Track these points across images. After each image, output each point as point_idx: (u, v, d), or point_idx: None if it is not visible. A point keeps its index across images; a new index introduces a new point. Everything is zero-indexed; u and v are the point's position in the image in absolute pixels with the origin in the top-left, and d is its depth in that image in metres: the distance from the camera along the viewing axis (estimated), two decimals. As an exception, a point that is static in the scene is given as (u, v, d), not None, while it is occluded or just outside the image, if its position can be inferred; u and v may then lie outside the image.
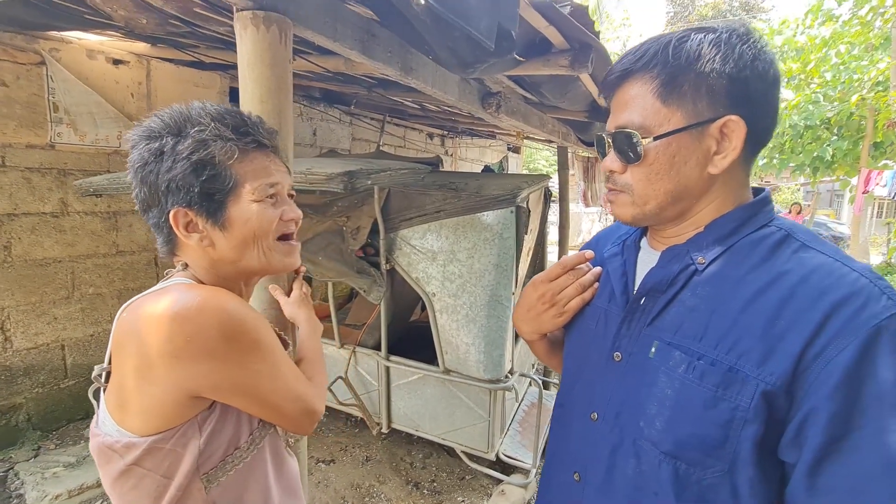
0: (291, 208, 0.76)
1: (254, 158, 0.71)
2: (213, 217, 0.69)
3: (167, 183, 0.66)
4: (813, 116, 6.96)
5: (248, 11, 0.99)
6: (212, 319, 0.61)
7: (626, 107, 0.63)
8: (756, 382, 0.53)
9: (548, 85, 2.03)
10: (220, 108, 0.71)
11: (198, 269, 0.74)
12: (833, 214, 15.43)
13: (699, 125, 0.59)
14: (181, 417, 0.64)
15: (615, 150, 0.65)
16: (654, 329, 0.65)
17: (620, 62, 0.64)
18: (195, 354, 0.60)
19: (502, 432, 2.42)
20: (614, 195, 0.69)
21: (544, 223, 2.95)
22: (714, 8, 19.72)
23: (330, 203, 2.36)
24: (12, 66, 2.34)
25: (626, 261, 0.75)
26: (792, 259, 0.58)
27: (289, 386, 0.71)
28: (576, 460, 0.74)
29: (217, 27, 1.84)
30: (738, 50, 0.58)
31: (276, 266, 0.76)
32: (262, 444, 0.74)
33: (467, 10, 0.78)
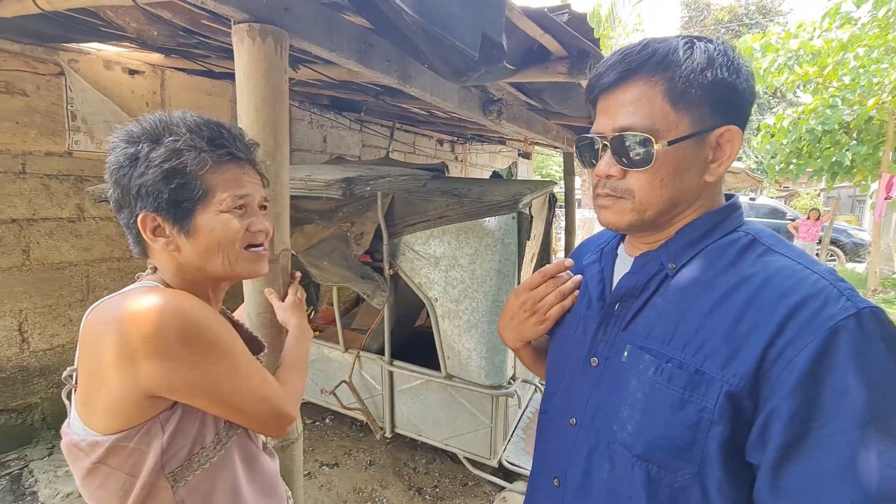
0: (260, 220, 0.78)
1: (227, 170, 0.73)
2: (179, 223, 0.71)
3: (138, 187, 0.69)
4: (831, 121, 6.81)
5: (245, 24, 1.03)
6: (168, 321, 0.63)
7: (628, 108, 0.61)
8: (720, 384, 0.54)
9: (549, 91, 2.04)
10: (199, 119, 0.73)
11: (165, 273, 0.76)
12: (854, 220, 15.02)
13: (703, 133, 0.60)
14: (142, 416, 0.65)
15: (614, 154, 0.64)
16: (627, 334, 0.66)
17: (622, 61, 0.61)
18: (150, 355, 0.62)
19: (505, 439, 2.41)
20: (611, 201, 0.67)
21: (548, 229, 2.95)
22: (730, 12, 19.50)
23: (335, 209, 2.40)
24: (33, 76, 2.44)
25: (604, 268, 0.77)
26: (757, 263, 0.59)
27: (252, 388, 0.72)
28: (556, 466, 0.75)
29: (224, 38, 1.90)
30: (736, 62, 0.60)
31: (242, 273, 0.77)
32: (229, 445, 0.75)
33: (451, 21, 0.79)
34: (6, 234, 2.43)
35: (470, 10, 0.82)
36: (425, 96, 1.62)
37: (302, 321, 1.06)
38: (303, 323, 1.06)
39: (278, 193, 1.12)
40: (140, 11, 1.71)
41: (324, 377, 2.74)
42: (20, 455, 2.50)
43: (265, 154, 1.08)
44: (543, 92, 2.04)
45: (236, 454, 0.77)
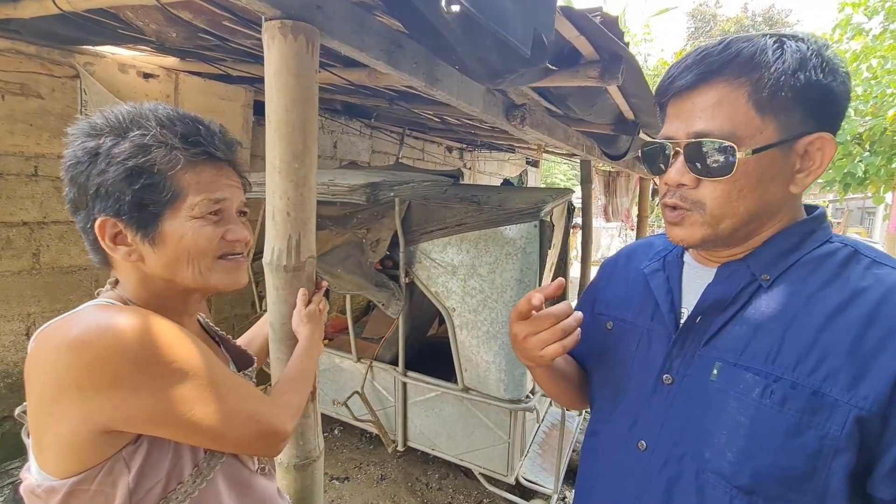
0: (237, 227, 0.70)
1: (201, 171, 0.66)
2: (143, 230, 0.63)
3: (96, 187, 0.61)
4: (844, 132, 6.76)
5: (277, 21, 0.98)
6: (116, 343, 0.55)
7: (706, 112, 0.56)
8: (848, 407, 0.48)
9: (574, 97, 1.99)
10: (172, 113, 0.66)
11: (127, 286, 0.67)
12: (864, 233, 14.89)
13: (791, 140, 0.55)
14: (100, 455, 0.57)
15: (690, 162, 0.58)
16: (711, 349, 0.60)
17: (701, 61, 0.57)
18: (98, 385, 0.54)
19: (522, 455, 2.34)
20: (679, 215, 0.61)
21: (567, 238, 2.89)
22: (737, 23, 19.56)
23: (350, 215, 2.35)
24: (48, 79, 2.42)
25: (670, 276, 0.71)
26: (866, 276, 0.54)
27: (231, 408, 0.64)
28: (622, 496, 0.68)
29: (244, 40, 1.86)
30: (832, 63, 0.54)
31: (217, 286, 0.69)
32: (212, 476, 0.66)
33: (504, 16, 0.75)
34: (17, 237, 2.40)
35: (522, 6, 0.78)
36: (451, 100, 1.57)
37: (315, 333, 1.00)
38: (315, 335, 1.00)
39: (306, 198, 1.06)
40: (160, 12, 1.67)
41: (335, 387, 2.67)
42: (24, 464, 2.44)
43: (293, 156, 1.03)
44: (568, 98, 1.99)
45: (223, 485, 0.69)
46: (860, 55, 6.72)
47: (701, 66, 0.57)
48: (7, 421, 2.45)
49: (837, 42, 7.32)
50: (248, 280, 0.74)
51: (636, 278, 0.76)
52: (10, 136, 2.32)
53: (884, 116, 6.17)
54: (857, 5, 6.79)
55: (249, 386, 0.71)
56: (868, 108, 6.75)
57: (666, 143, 0.61)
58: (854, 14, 6.96)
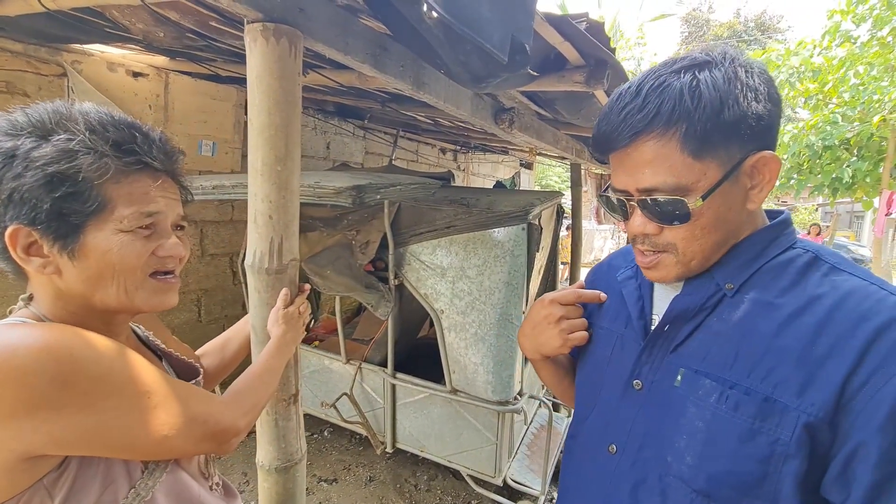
0: (172, 243, 0.65)
1: (134, 181, 0.61)
2: (62, 241, 0.58)
3: (10, 192, 0.55)
4: (832, 137, 6.85)
5: (258, 24, 0.98)
6: (30, 362, 0.50)
7: (646, 168, 0.57)
8: (797, 413, 0.49)
9: (562, 101, 2.01)
10: (105, 118, 0.61)
11: (43, 302, 0.61)
12: (853, 236, 15.09)
13: (735, 169, 0.56)
14: (17, 485, 0.52)
15: (649, 214, 0.59)
16: (677, 356, 0.61)
17: (625, 122, 0.57)
18: (16, 408, 0.49)
19: (510, 456, 2.34)
20: (653, 259, 0.63)
21: (556, 241, 2.91)
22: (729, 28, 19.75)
23: (340, 217, 2.35)
24: (35, 77, 2.40)
25: (641, 285, 0.72)
26: (824, 283, 0.55)
27: (173, 412, 0.60)
28: (592, 497, 0.69)
29: (232, 41, 1.86)
30: (753, 83, 0.54)
31: (142, 306, 0.64)
32: (150, 497, 0.61)
33: (480, 22, 0.75)
34: (1, 237, 2.37)
35: (499, 12, 0.78)
36: (438, 103, 1.58)
37: (287, 334, 0.98)
38: (287, 337, 0.98)
39: (288, 201, 1.06)
40: (147, 12, 1.67)
41: (324, 389, 2.67)
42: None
43: (276, 159, 1.03)
44: (556, 102, 2.00)
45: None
46: (846, 61, 6.82)
47: (628, 130, 0.57)
48: None
49: (826, 48, 7.42)
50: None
51: (614, 286, 0.77)
52: (-4, 134, 2.30)
53: (870, 122, 6.27)
54: (845, 13, 6.89)
55: (190, 388, 0.67)
56: (856, 114, 6.85)
57: (620, 197, 0.62)
58: (843, 21, 7.06)
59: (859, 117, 6.78)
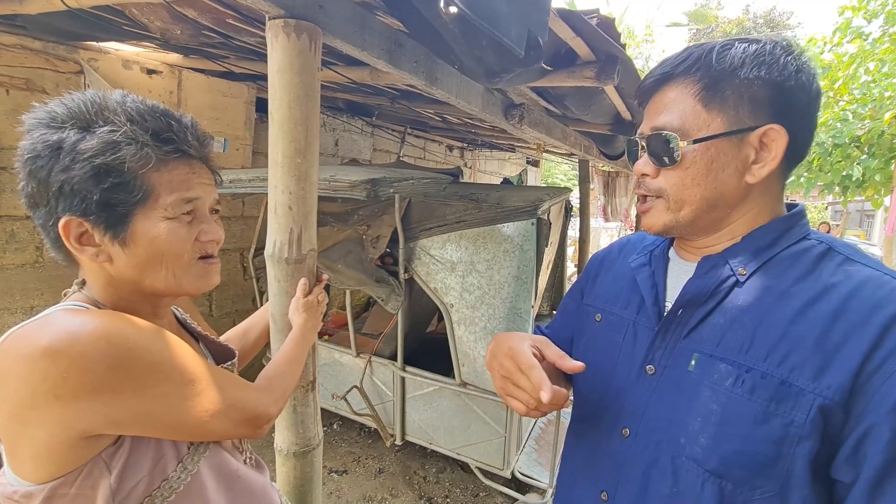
0: (211, 228, 0.68)
1: (173, 168, 0.63)
2: (112, 230, 0.60)
3: (60, 184, 0.57)
4: (842, 134, 6.78)
5: (280, 20, 1.01)
6: (91, 349, 0.53)
7: (663, 109, 0.63)
8: (812, 396, 0.51)
9: (572, 97, 2.02)
10: (141, 107, 0.62)
11: (95, 288, 0.64)
12: (863, 235, 14.93)
13: (739, 132, 0.59)
14: (79, 459, 0.56)
15: (649, 154, 0.65)
16: (690, 341, 0.63)
17: (660, 66, 0.64)
18: (78, 392, 0.52)
19: (518, 449, 2.37)
20: (648, 204, 0.68)
21: (564, 236, 2.92)
22: (738, 25, 19.56)
23: (351, 211, 2.38)
24: (53, 74, 2.45)
25: (655, 271, 0.74)
26: (838, 272, 0.57)
27: (214, 399, 0.64)
28: (604, 479, 0.71)
29: (248, 38, 1.89)
30: (782, 60, 0.58)
31: (189, 289, 0.67)
32: (196, 470, 0.65)
33: (498, 17, 0.78)
34: (20, 231, 2.43)
35: (517, 7, 0.81)
36: (451, 99, 1.60)
37: (308, 322, 1.02)
38: (309, 324, 1.02)
39: (307, 192, 1.09)
40: (165, 10, 1.70)
41: (334, 381, 2.70)
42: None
43: (296, 152, 1.06)
44: (566, 98, 2.02)
45: (208, 477, 0.68)
46: (856, 58, 6.75)
47: (664, 69, 0.63)
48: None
49: (837, 45, 7.34)
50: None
51: (625, 272, 0.79)
52: (15, 130, 2.34)
53: (881, 119, 6.21)
54: (857, 9, 6.82)
55: (229, 375, 0.71)
56: (867, 112, 6.77)
57: (636, 138, 0.68)
58: (854, 17, 6.98)
59: (870, 114, 6.71)
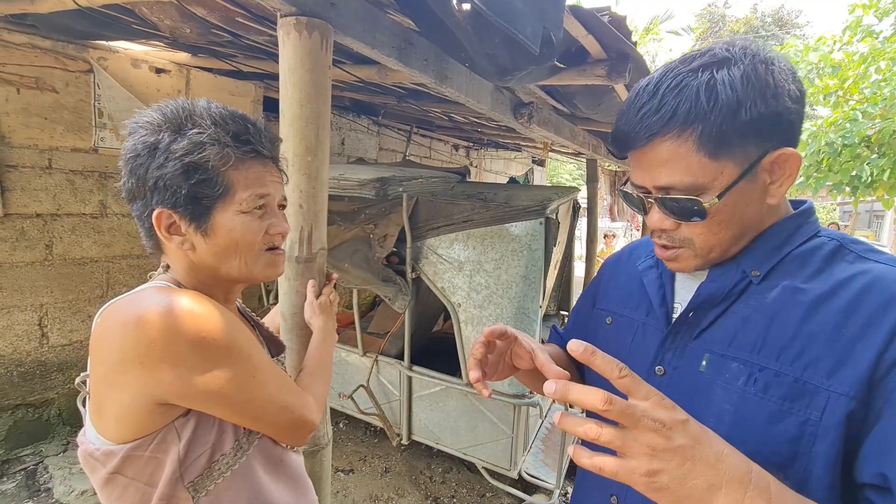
0: (279, 221, 0.74)
1: (249, 167, 0.70)
2: (196, 221, 0.67)
3: (155, 180, 0.64)
4: (851, 134, 6.70)
5: (292, 17, 1.01)
6: (177, 324, 0.59)
7: (663, 167, 0.57)
8: (827, 394, 0.50)
9: (581, 96, 2.01)
10: (224, 112, 0.69)
11: (178, 272, 0.72)
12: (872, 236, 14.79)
13: (752, 168, 0.56)
14: (155, 424, 0.62)
15: (666, 211, 0.60)
16: (701, 342, 0.63)
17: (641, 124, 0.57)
18: (159, 360, 0.58)
19: (525, 450, 2.36)
20: (673, 253, 0.64)
21: (572, 236, 2.91)
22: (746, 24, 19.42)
23: (358, 211, 2.38)
24: (63, 73, 2.46)
25: (662, 273, 0.73)
26: (850, 268, 0.56)
27: (271, 396, 0.68)
28: (613, 482, 0.70)
29: (257, 36, 1.89)
30: (771, 81, 0.53)
31: (258, 276, 0.74)
32: (250, 451, 0.71)
33: (514, 14, 0.77)
34: (30, 229, 2.44)
35: (532, 5, 0.80)
36: (460, 97, 1.59)
37: (327, 324, 1.03)
38: (328, 326, 1.03)
39: (318, 191, 1.09)
40: (175, 8, 1.71)
41: (341, 381, 2.71)
42: (35, 451, 2.49)
43: (306, 150, 1.05)
44: (575, 96, 2.01)
45: (258, 461, 0.73)
46: (868, 57, 6.67)
47: (643, 128, 0.57)
48: (20, 409, 2.50)
49: (847, 44, 7.26)
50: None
51: (634, 275, 0.78)
52: (26, 128, 2.36)
53: (892, 119, 6.13)
54: (867, 7, 6.74)
55: (285, 376, 0.75)
56: (877, 111, 6.69)
57: (639, 194, 0.63)
58: (864, 16, 6.90)
59: (881, 114, 6.62)
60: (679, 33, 9.43)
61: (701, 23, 20.80)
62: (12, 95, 2.30)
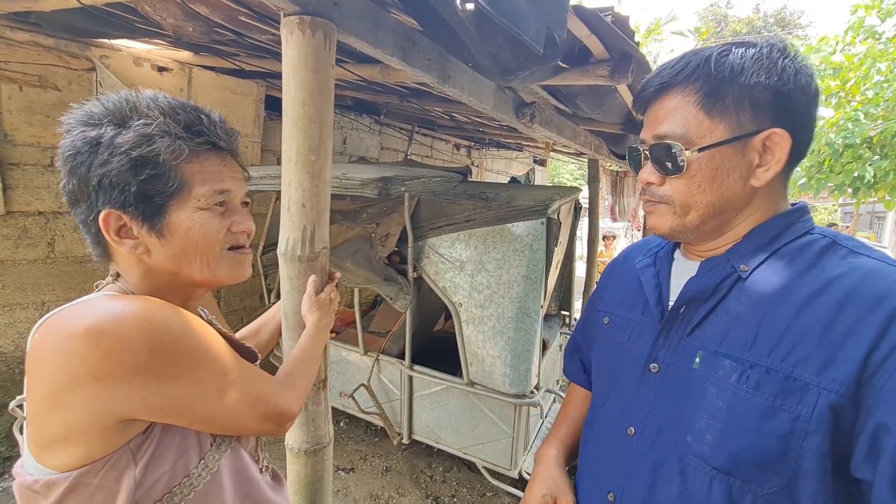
0: (243, 219, 0.70)
1: (205, 160, 0.65)
2: (149, 222, 0.62)
3: (100, 178, 0.59)
4: (853, 135, 6.69)
5: (295, 16, 1.01)
6: (134, 331, 0.53)
7: (665, 118, 0.63)
8: (818, 391, 0.51)
9: (584, 96, 2.01)
10: (173, 102, 0.64)
11: (130, 279, 0.65)
12: (873, 237, 14.77)
13: (743, 138, 0.59)
14: (108, 446, 0.55)
15: (653, 162, 0.65)
16: (694, 339, 0.63)
17: (658, 75, 0.64)
18: (118, 373, 0.53)
19: (526, 449, 2.36)
20: (652, 206, 0.68)
21: (573, 236, 2.91)
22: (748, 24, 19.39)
23: (360, 210, 2.38)
24: (66, 71, 2.46)
25: (660, 272, 0.74)
26: (841, 264, 0.57)
27: (244, 390, 0.64)
28: (610, 480, 0.71)
29: (259, 35, 1.89)
30: (780, 64, 0.58)
31: (223, 278, 0.68)
32: (216, 469, 0.65)
33: (518, 14, 0.77)
34: (33, 227, 2.45)
35: (536, 4, 0.80)
36: (462, 97, 1.59)
37: (322, 320, 1.02)
38: (323, 322, 1.02)
39: (321, 190, 1.09)
40: (178, 7, 1.71)
41: (342, 380, 2.71)
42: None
43: (310, 149, 1.05)
44: (578, 96, 2.00)
45: (227, 479, 0.67)
46: (868, 57, 6.65)
47: (662, 78, 0.63)
48: (21, 406, 2.50)
49: (850, 44, 7.24)
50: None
51: (631, 275, 0.80)
52: (28, 126, 2.37)
53: (894, 120, 6.12)
54: (870, 7, 6.72)
55: (256, 369, 0.71)
56: (879, 112, 6.68)
57: (638, 146, 0.68)
58: (867, 16, 6.88)
59: (883, 115, 6.61)
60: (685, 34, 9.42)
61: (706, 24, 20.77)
62: (15, 93, 2.31)
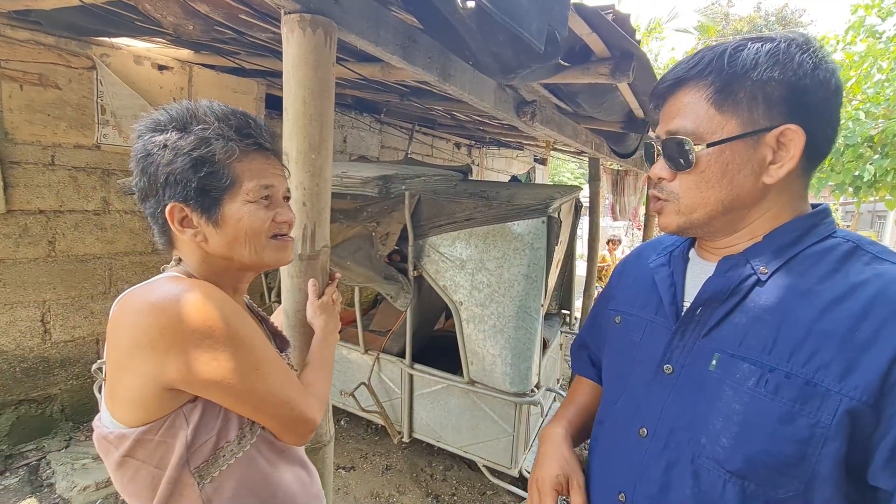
0: (285, 211, 0.78)
1: (253, 159, 0.73)
2: (207, 213, 0.70)
3: (166, 176, 0.68)
4: (854, 134, 6.68)
5: (296, 14, 1.01)
6: (186, 311, 0.61)
7: (678, 114, 0.62)
8: (839, 397, 0.50)
9: (584, 94, 2.01)
10: (225, 109, 0.73)
11: (190, 264, 0.75)
12: (874, 236, 14.76)
13: (755, 133, 0.58)
14: (164, 409, 0.65)
15: (665, 158, 0.64)
16: (711, 340, 0.62)
17: (673, 71, 0.64)
18: (168, 346, 0.61)
19: (526, 448, 2.36)
20: (661, 205, 0.67)
21: (574, 235, 2.90)
22: (749, 23, 19.34)
23: (360, 208, 2.38)
24: (66, 70, 2.46)
25: (674, 271, 0.73)
26: (866, 270, 0.55)
27: (273, 389, 0.70)
28: (621, 480, 0.70)
29: (260, 34, 1.89)
30: (797, 59, 0.56)
31: (269, 262, 0.77)
32: (254, 440, 0.73)
33: (519, 12, 0.77)
34: (33, 225, 2.45)
35: (537, 2, 0.79)
36: (463, 95, 1.59)
37: (329, 323, 1.04)
38: (330, 325, 1.03)
39: (322, 188, 1.09)
40: (178, 5, 1.70)
41: (342, 378, 2.71)
42: (38, 446, 2.50)
43: (310, 147, 1.05)
44: (578, 95, 2.00)
45: (262, 451, 0.75)
46: (867, 57, 6.63)
47: (676, 74, 0.63)
48: (22, 405, 2.51)
49: (850, 44, 7.23)
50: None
51: (644, 274, 0.78)
52: (29, 125, 2.37)
53: (895, 119, 6.10)
54: (870, 7, 6.70)
55: (290, 372, 0.76)
56: (880, 111, 6.67)
57: (652, 141, 0.68)
58: (867, 16, 6.86)
59: (884, 114, 6.59)
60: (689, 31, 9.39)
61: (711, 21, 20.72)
62: (16, 92, 2.31)
